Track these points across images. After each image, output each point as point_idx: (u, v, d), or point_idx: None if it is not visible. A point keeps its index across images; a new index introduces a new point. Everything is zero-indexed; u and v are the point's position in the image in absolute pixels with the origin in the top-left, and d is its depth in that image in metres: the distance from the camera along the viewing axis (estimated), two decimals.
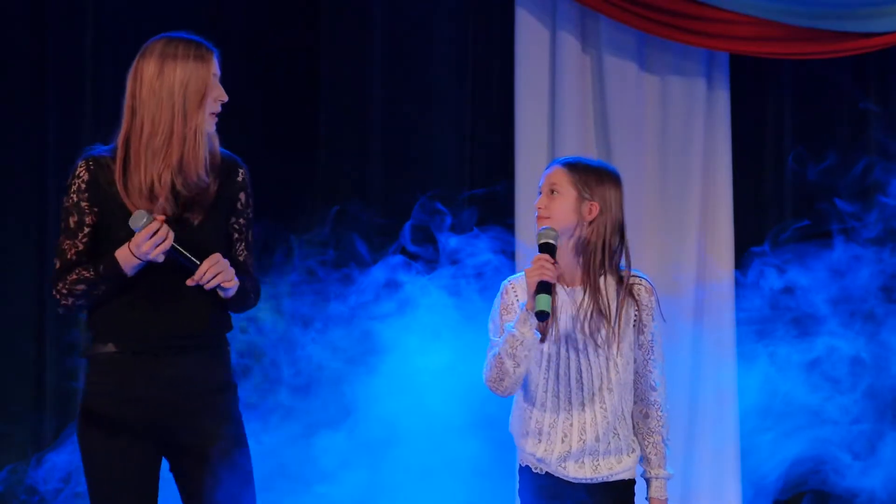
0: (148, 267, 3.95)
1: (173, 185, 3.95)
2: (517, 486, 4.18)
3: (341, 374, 5.61)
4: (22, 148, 5.98)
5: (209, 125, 4.00)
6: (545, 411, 4.07)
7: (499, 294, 4.12)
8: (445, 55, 6.13)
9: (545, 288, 3.91)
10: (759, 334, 5.72)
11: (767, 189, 6.11)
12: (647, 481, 4.14)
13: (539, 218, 4.05)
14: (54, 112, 5.98)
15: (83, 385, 4.08)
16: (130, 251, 3.91)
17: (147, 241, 3.89)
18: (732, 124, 6.02)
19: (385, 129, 6.08)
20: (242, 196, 4.10)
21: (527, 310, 3.93)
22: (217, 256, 3.95)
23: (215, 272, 3.93)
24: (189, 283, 3.94)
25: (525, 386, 4.10)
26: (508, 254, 5.79)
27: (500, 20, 6.12)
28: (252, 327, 5.56)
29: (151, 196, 3.95)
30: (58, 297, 3.98)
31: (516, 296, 4.07)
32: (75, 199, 4.01)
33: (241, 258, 4.10)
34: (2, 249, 5.94)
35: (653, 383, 4.10)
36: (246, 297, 4.09)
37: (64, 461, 5.69)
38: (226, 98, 4.03)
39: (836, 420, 5.66)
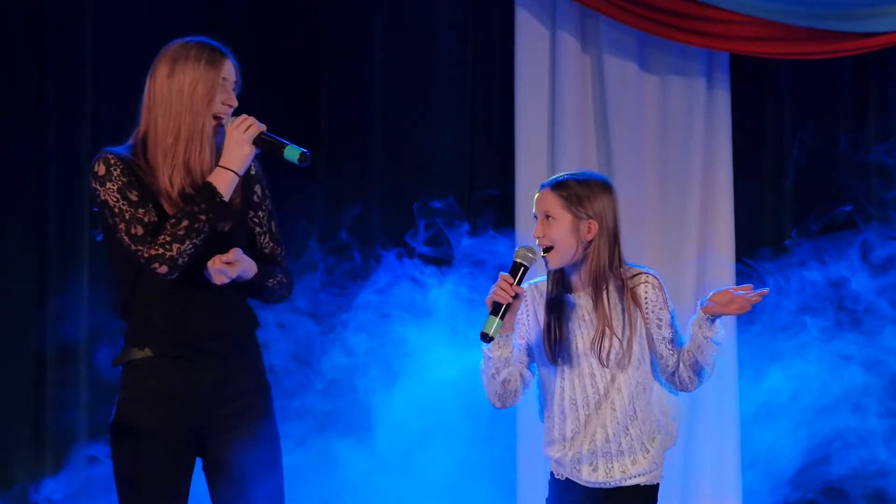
0: (181, 274, 3.95)
1: (183, 188, 3.97)
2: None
3: (359, 382, 5.62)
4: (22, 148, 5.98)
5: (214, 128, 4.02)
6: (565, 419, 4.07)
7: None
8: (445, 55, 6.13)
9: (496, 309, 3.92)
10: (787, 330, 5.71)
11: (768, 189, 6.11)
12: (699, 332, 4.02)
13: (540, 246, 4.03)
14: (54, 112, 5.98)
15: (119, 390, 4.05)
16: (220, 166, 3.95)
17: (235, 129, 3.95)
18: (732, 124, 6.02)
19: (385, 130, 6.08)
20: (258, 189, 4.14)
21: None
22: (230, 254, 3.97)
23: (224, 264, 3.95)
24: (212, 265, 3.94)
25: (543, 398, 4.12)
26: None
27: (500, 20, 6.12)
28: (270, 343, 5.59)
29: (169, 197, 3.98)
30: (160, 251, 3.88)
31: (526, 302, 4.07)
32: (125, 180, 3.95)
33: (266, 251, 4.14)
34: (2, 250, 5.93)
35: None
36: (269, 289, 4.10)
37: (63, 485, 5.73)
38: (235, 103, 4.05)
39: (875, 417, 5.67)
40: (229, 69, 4.05)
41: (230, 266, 3.94)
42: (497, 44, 6.14)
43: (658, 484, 4.12)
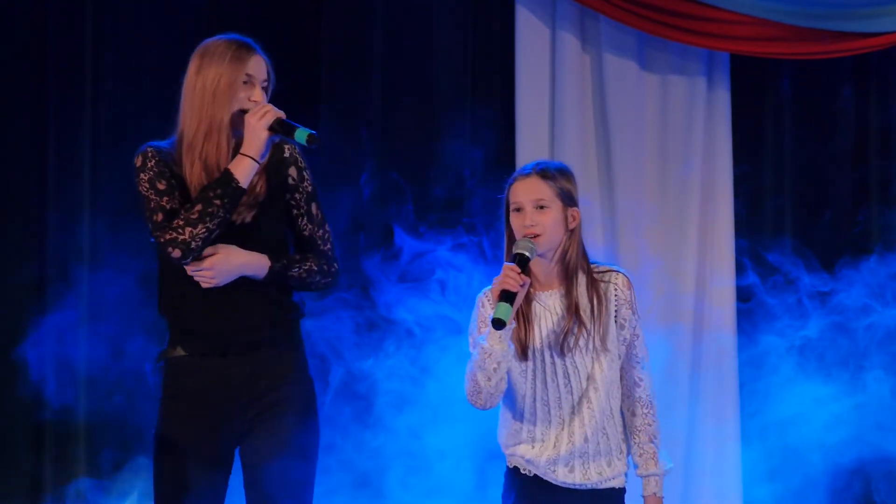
0: None
1: (202, 183, 3.99)
2: (502, 489, 4.15)
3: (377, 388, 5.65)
4: (22, 148, 5.98)
5: (238, 123, 4.03)
6: (536, 420, 4.03)
7: (475, 306, 4.05)
8: (446, 55, 6.13)
9: (507, 297, 3.85)
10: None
11: (768, 189, 6.10)
12: (641, 479, 4.11)
13: (529, 236, 3.96)
14: (54, 112, 5.98)
15: (160, 388, 4.08)
16: (240, 154, 3.97)
17: (252, 117, 3.97)
18: (732, 124, 6.02)
19: (386, 130, 6.08)
20: (293, 171, 4.14)
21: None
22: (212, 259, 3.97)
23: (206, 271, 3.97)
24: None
25: (512, 398, 4.05)
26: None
27: (501, 19, 6.12)
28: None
29: (192, 191, 4.00)
30: (173, 235, 3.91)
31: (492, 307, 3.97)
32: (157, 171, 4.00)
33: (305, 233, 4.14)
34: (1, 251, 5.94)
35: (636, 379, 4.06)
36: (298, 279, 4.08)
37: None
38: (259, 99, 4.05)
39: None
40: (256, 66, 4.07)
41: (202, 267, 3.96)
42: (497, 43, 6.14)
43: (625, 488, 4.11)
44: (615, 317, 4.03)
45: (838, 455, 5.62)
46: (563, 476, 4.04)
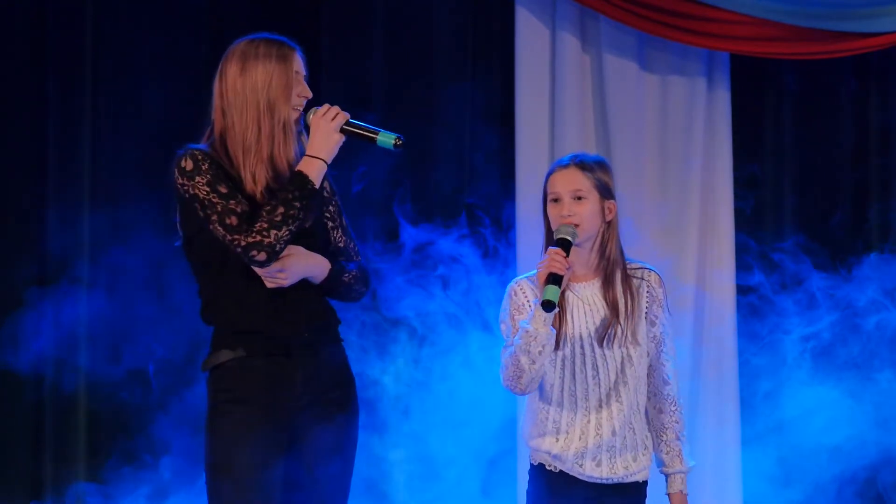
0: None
1: (267, 183, 3.96)
2: (526, 486, 4.17)
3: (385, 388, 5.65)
4: (22, 147, 5.98)
5: (295, 120, 4.04)
6: (562, 410, 4.06)
7: (506, 296, 4.10)
8: (445, 55, 6.14)
9: (554, 280, 3.90)
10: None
11: (769, 189, 6.11)
12: (665, 476, 4.13)
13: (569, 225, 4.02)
14: (54, 111, 5.98)
15: (210, 395, 4.01)
16: (308, 155, 3.95)
17: (322, 119, 3.96)
18: (732, 124, 6.02)
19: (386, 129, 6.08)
20: (326, 184, 4.13)
21: (539, 305, 3.92)
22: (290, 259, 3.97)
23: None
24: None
25: (540, 386, 4.08)
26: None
27: (501, 19, 6.12)
28: None
29: (253, 192, 3.96)
30: (257, 238, 3.85)
31: (525, 296, 4.06)
32: (214, 173, 3.93)
33: (341, 244, 4.14)
34: (1, 249, 5.93)
35: (665, 377, 4.10)
36: (346, 284, 4.09)
37: None
38: (310, 95, 4.05)
39: None
40: (299, 62, 4.06)
41: (282, 268, 3.95)
42: (497, 43, 6.15)
43: (647, 481, 4.14)
44: (646, 314, 4.08)
45: (847, 457, 5.61)
46: (589, 470, 4.06)
